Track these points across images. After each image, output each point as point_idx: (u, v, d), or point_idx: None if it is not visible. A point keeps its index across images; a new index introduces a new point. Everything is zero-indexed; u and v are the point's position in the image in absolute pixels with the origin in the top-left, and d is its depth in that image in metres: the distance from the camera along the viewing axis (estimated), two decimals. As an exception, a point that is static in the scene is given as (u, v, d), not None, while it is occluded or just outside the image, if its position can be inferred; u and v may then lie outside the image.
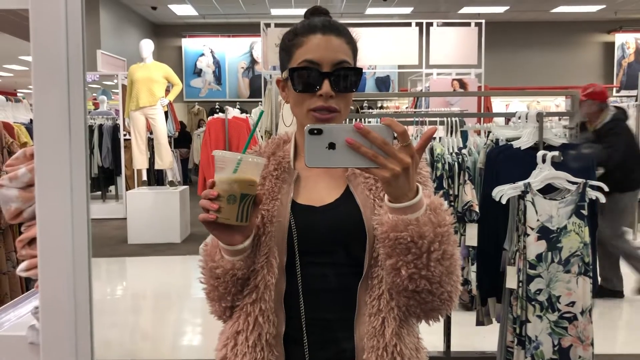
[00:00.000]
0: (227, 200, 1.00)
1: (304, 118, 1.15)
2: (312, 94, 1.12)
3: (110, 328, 4.19)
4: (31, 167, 1.21)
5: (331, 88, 1.11)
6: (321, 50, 1.13)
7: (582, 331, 2.42)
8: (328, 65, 1.12)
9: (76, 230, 0.98)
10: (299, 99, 1.14)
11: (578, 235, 2.40)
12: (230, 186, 1.00)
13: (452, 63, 7.92)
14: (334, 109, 1.12)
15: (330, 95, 1.11)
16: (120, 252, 6.43)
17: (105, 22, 11.04)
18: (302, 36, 1.15)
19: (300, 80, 1.12)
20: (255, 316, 1.11)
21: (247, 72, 14.08)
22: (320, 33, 1.14)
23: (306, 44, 1.14)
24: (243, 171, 1.01)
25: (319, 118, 1.12)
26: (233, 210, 1.01)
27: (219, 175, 1.01)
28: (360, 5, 12.02)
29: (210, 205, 1.00)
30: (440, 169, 2.84)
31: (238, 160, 1.00)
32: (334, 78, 1.12)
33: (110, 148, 8.61)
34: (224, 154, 1.02)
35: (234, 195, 1.00)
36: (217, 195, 1.00)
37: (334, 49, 1.13)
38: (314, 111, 1.12)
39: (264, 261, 1.12)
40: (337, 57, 1.13)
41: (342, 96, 1.13)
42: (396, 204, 0.97)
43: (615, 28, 14.22)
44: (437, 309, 1.08)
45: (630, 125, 5.97)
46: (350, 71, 1.13)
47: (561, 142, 2.61)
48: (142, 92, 6.78)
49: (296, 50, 1.15)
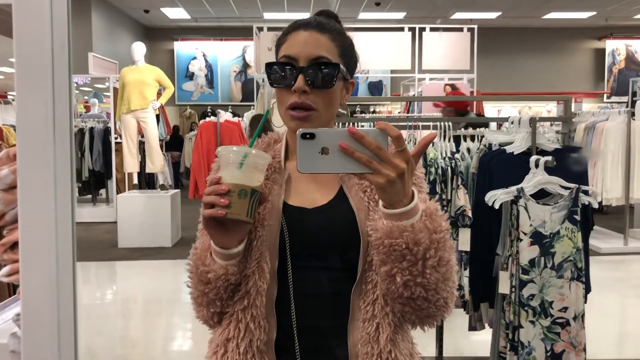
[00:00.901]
0: (239, 195, 0.97)
1: (284, 116, 1.12)
2: (288, 90, 1.09)
3: (100, 333, 4.15)
4: (14, 169, 1.18)
5: (305, 83, 1.07)
6: (299, 45, 1.10)
7: (574, 337, 2.40)
8: (305, 60, 1.08)
9: (60, 234, 0.95)
10: (278, 95, 1.12)
11: (571, 241, 2.39)
12: (241, 181, 0.97)
13: (445, 68, 7.95)
14: (309, 106, 1.08)
15: (304, 90, 1.07)
16: (110, 256, 6.38)
17: (97, 25, 11.00)
18: (287, 34, 1.13)
19: (275, 75, 1.10)
20: (246, 323, 1.08)
21: (240, 75, 14.07)
22: (302, 29, 1.11)
23: (288, 40, 1.12)
24: (251, 167, 0.99)
25: (295, 116, 1.09)
26: (244, 206, 0.98)
27: (227, 170, 0.99)
28: (353, 10, 12.04)
29: (220, 200, 0.96)
30: (433, 173, 2.83)
31: (245, 153, 0.98)
32: (309, 73, 1.08)
33: (101, 151, 8.55)
34: (230, 149, 1.00)
35: (244, 190, 0.97)
36: (227, 190, 0.96)
37: (314, 44, 1.10)
38: (291, 109, 1.09)
39: (255, 266, 1.08)
40: (314, 52, 1.09)
41: (320, 93, 1.09)
42: (391, 210, 0.94)
43: (606, 35, 14.33)
44: (433, 316, 1.05)
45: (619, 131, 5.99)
46: (326, 65, 1.09)
47: (554, 147, 2.61)
48: (134, 95, 6.74)
49: (280, 49, 1.13)
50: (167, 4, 11.80)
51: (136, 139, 7.02)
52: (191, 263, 1.10)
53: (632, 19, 13.39)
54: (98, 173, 8.67)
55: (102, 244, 6.94)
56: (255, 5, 11.56)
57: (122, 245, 6.68)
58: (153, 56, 13.37)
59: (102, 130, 8.60)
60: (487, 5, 11.82)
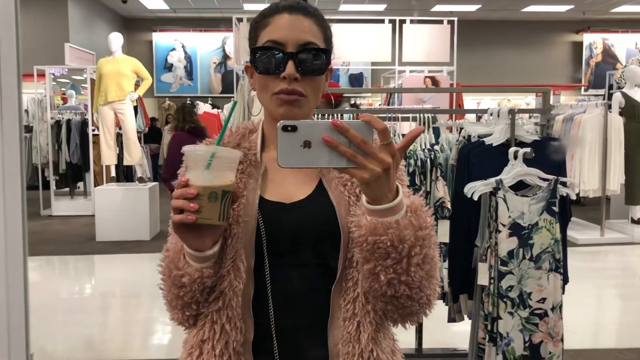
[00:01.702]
0: (209, 198, 0.92)
1: (268, 102, 1.07)
2: (276, 77, 1.04)
3: (78, 327, 4.09)
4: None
5: (295, 69, 1.03)
6: (286, 29, 1.05)
7: (552, 327, 2.42)
8: (293, 45, 1.04)
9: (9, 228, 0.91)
10: (263, 82, 1.06)
11: (549, 232, 2.41)
12: (211, 183, 0.92)
13: (425, 60, 7.95)
14: (300, 92, 1.04)
15: (295, 77, 1.03)
16: (88, 250, 6.30)
17: (74, 15, 10.81)
18: (268, 17, 1.08)
19: (263, 61, 1.05)
20: (222, 324, 1.03)
21: (220, 67, 13.95)
22: (287, 12, 1.06)
23: (271, 24, 1.07)
24: (220, 166, 0.94)
25: (285, 100, 1.04)
26: (215, 209, 0.93)
27: (195, 172, 0.93)
28: (334, 2, 11.99)
29: (189, 205, 0.91)
30: (412, 165, 2.82)
31: (212, 153, 0.93)
32: (299, 59, 1.04)
33: (78, 144, 8.42)
34: (195, 149, 0.94)
35: (215, 193, 0.92)
36: (196, 193, 0.91)
37: (301, 29, 1.05)
38: (278, 94, 1.04)
39: (230, 265, 1.03)
40: (303, 38, 1.05)
41: (309, 80, 1.05)
42: (375, 205, 0.91)
43: (584, 28, 14.48)
44: (415, 313, 1.02)
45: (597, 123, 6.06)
46: (316, 52, 1.05)
47: (533, 139, 2.62)
48: (111, 87, 6.64)
49: (261, 32, 1.08)
50: (145, -6, 11.65)
51: (114, 131, 6.92)
52: (163, 265, 1.05)
53: (609, 13, 13.55)
54: (76, 166, 8.54)
55: (80, 237, 6.85)
56: (234, -4, 11.46)
57: (100, 238, 6.60)
58: (131, 47, 13.19)
59: (80, 122, 8.47)
60: (467, -2, 11.87)
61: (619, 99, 6.50)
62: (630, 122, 6.36)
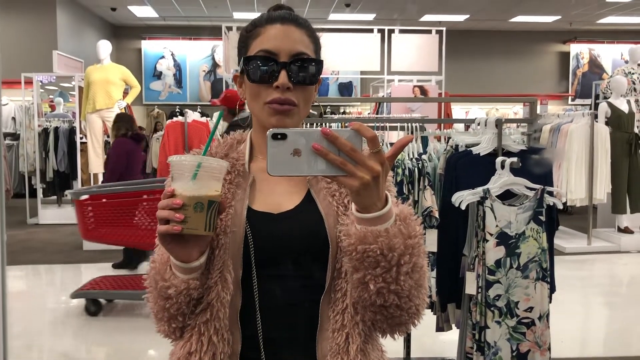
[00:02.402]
0: (194, 209, 0.91)
1: (260, 111, 1.07)
2: (268, 86, 1.05)
3: (65, 337, 4.05)
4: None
5: (288, 79, 1.04)
6: (279, 39, 1.06)
7: (539, 336, 2.43)
8: (286, 55, 1.05)
9: None
10: (254, 91, 1.07)
11: (536, 241, 2.42)
12: (197, 192, 0.92)
13: (413, 70, 8.00)
14: (292, 101, 1.05)
15: (288, 87, 1.04)
16: (75, 259, 6.24)
17: (62, 23, 10.76)
18: (259, 27, 1.09)
19: (256, 71, 1.05)
20: (209, 336, 1.03)
21: (209, 75, 13.94)
22: (279, 23, 1.08)
23: (263, 34, 1.07)
24: (206, 176, 0.93)
25: (278, 110, 1.05)
26: (201, 219, 0.92)
27: (181, 182, 0.93)
28: (323, 11, 12.05)
29: (174, 216, 0.91)
30: (400, 174, 2.83)
31: (199, 163, 0.92)
32: (292, 69, 1.05)
33: (66, 151, 8.35)
34: (181, 159, 0.94)
35: (201, 203, 0.92)
36: (182, 204, 0.91)
37: (293, 39, 1.07)
38: (270, 104, 1.05)
39: (217, 276, 1.03)
40: (295, 48, 1.06)
41: (301, 89, 1.07)
42: (365, 214, 0.91)
43: (570, 38, 14.64)
44: (404, 323, 1.02)
45: (583, 133, 6.11)
46: (309, 62, 1.06)
47: (520, 149, 2.63)
48: (99, 94, 6.63)
49: (252, 41, 1.09)
50: (134, 2, 11.62)
51: (102, 138, 6.90)
52: (149, 277, 1.04)
53: (595, 24, 13.71)
54: (63, 174, 8.47)
55: (67, 245, 6.78)
56: (224, 5, 11.47)
57: (87, 247, 6.53)
58: (120, 55, 13.15)
59: (68, 130, 8.41)
60: (456, 8, 11.95)
61: (605, 109, 6.56)
62: (616, 132, 6.43)
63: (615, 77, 6.95)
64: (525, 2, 11.37)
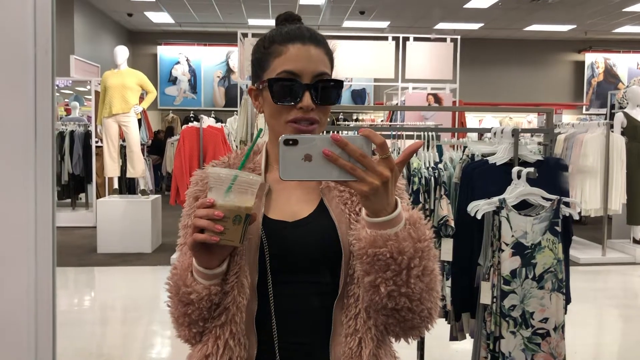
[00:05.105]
0: (233, 221, 0.95)
1: (282, 129, 1.10)
2: (291, 106, 1.08)
3: (77, 339, 4.08)
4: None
5: (312, 100, 1.07)
6: (301, 60, 1.08)
7: (554, 347, 2.42)
8: (308, 76, 1.08)
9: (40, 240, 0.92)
10: (276, 110, 1.10)
11: (552, 252, 2.41)
12: (237, 205, 0.95)
13: (428, 78, 8.00)
14: (315, 120, 1.08)
15: (312, 108, 1.07)
16: (88, 262, 6.29)
17: (80, 28, 10.89)
18: (279, 44, 1.11)
19: (280, 92, 1.08)
20: (226, 339, 1.05)
21: (223, 81, 14.02)
22: (299, 43, 1.10)
23: (284, 53, 1.10)
24: (243, 189, 0.96)
25: (300, 129, 1.07)
26: (238, 232, 0.96)
27: (220, 193, 0.96)
28: (338, 18, 12.09)
29: (214, 227, 0.94)
30: (417, 183, 2.83)
31: (235, 176, 0.96)
32: (315, 90, 1.08)
33: (81, 155, 8.44)
34: (218, 172, 0.97)
35: (239, 216, 0.95)
36: (222, 216, 0.94)
37: (314, 59, 1.09)
38: (293, 122, 1.08)
39: (234, 281, 1.06)
40: (317, 69, 1.09)
41: (322, 108, 1.10)
42: (375, 218, 0.93)
43: (585, 48, 14.57)
44: (417, 327, 1.04)
45: (598, 143, 6.07)
46: (331, 83, 1.10)
47: (536, 159, 2.63)
48: (115, 99, 6.68)
49: (273, 60, 1.11)
50: (151, 8, 11.73)
51: (117, 143, 6.95)
52: (171, 283, 1.07)
53: (611, 33, 13.63)
54: (78, 177, 8.55)
55: (81, 249, 6.84)
56: (239, 11, 11.54)
57: (101, 250, 6.59)
58: (136, 60, 13.27)
59: (83, 134, 8.50)
60: (470, 17, 11.95)
61: (621, 119, 6.52)
62: (632, 142, 6.38)
63: (632, 87, 6.91)
64: (540, 11, 11.34)
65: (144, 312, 4.82)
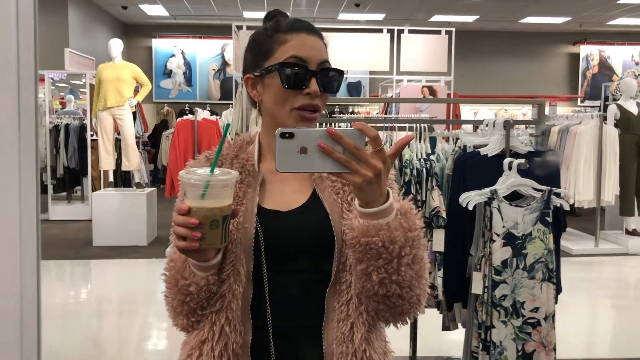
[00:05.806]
0: (210, 226, 0.96)
1: (286, 116, 1.12)
2: (297, 92, 1.11)
3: (73, 332, 4.10)
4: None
5: (318, 87, 1.11)
6: (308, 48, 1.12)
7: (545, 336, 2.45)
8: (314, 64, 1.12)
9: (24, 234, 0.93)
10: (282, 96, 1.12)
11: (542, 242, 2.44)
12: (211, 211, 0.96)
13: (422, 70, 8.00)
14: (318, 107, 1.13)
15: (318, 94, 1.11)
16: (84, 255, 6.30)
17: (74, 21, 10.84)
18: (284, 33, 1.14)
19: (289, 76, 1.10)
20: (221, 325, 1.08)
21: (218, 74, 13.99)
22: (304, 32, 1.14)
23: (290, 41, 1.13)
24: (217, 192, 0.96)
25: (306, 117, 1.11)
26: (217, 235, 0.98)
27: (194, 199, 0.96)
28: (333, 11, 12.06)
29: (192, 234, 0.96)
30: (408, 174, 2.86)
31: (206, 183, 0.95)
32: (321, 77, 1.12)
33: (76, 148, 8.43)
34: (190, 178, 0.96)
35: (216, 220, 0.96)
36: (198, 223, 0.95)
37: (319, 49, 1.14)
38: (299, 109, 1.11)
39: (230, 269, 1.08)
40: (322, 57, 1.14)
41: (324, 96, 1.14)
42: (367, 209, 0.96)
43: (580, 40, 14.57)
44: (407, 313, 1.08)
45: (592, 135, 6.10)
46: (335, 72, 1.14)
47: (527, 150, 2.65)
48: (110, 92, 6.67)
49: (278, 47, 1.13)
50: (145, 1, 11.68)
51: (112, 136, 6.94)
52: (168, 275, 1.10)
53: (606, 25, 13.64)
54: (73, 170, 8.56)
55: (77, 242, 6.85)
56: (234, 4, 11.50)
57: (97, 243, 6.60)
58: (131, 53, 13.22)
59: (78, 127, 8.49)
60: (466, 9, 11.94)
61: (614, 111, 6.55)
62: (625, 134, 6.41)
63: (625, 79, 6.94)
64: (535, 3, 11.34)
65: (140, 304, 4.84)
